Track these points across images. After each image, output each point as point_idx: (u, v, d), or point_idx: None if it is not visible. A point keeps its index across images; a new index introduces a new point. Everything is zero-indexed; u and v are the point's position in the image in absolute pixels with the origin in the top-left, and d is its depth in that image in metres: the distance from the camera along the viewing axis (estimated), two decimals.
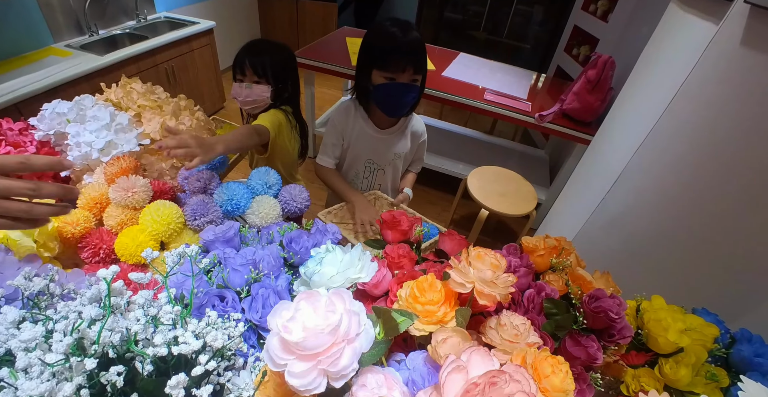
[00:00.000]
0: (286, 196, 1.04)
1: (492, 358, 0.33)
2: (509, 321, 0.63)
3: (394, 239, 0.87)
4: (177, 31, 2.94)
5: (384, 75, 1.22)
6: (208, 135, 1.33)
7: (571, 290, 0.76)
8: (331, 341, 0.39)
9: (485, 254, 0.56)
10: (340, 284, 0.47)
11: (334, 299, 0.42)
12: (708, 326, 0.81)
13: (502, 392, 0.29)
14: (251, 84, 1.38)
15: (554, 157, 3.24)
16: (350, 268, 0.48)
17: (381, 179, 1.52)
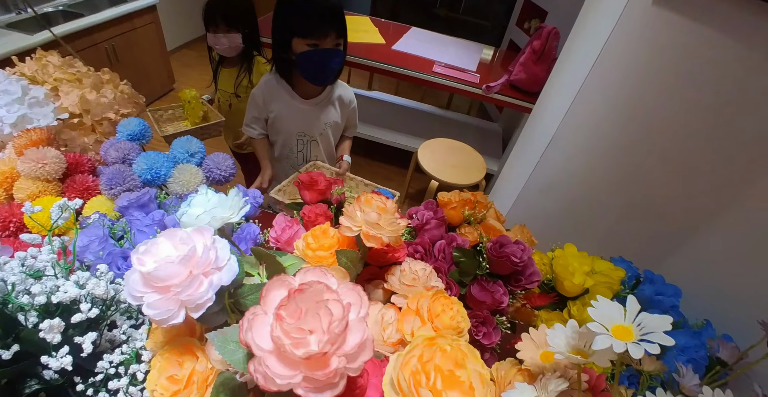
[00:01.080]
0: (210, 165, 1.03)
1: (325, 274, 0.34)
2: (409, 267, 0.65)
3: (311, 199, 0.88)
4: (116, 8, 2.79)
5: (307, 42, 1.18)
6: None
7: (481, 239, 0.79)
8: (184, 272, 0.40)
9: (373, 199, 0.57)
10: (207, 223, 0.47)
11: (192, 234, 0.43)
12: (615, 270, 0.85)
13: (312, 299, 0.30)
14: (225, 34, 1.55)
15: (507, 130, 3.29)
16: (218, 207, 0.48)
17: (315, 150, 1.49)
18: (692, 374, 0.64)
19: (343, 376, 0.30)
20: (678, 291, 0.83)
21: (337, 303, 0.30)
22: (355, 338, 0.30)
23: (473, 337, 0.69)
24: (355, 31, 2.94)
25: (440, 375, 0.33)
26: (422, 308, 0.57)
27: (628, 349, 0.36)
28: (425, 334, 0.37)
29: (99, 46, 2.72)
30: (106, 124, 1.19)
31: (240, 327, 0.32)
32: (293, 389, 0.28)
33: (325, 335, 0.29)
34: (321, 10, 1.14)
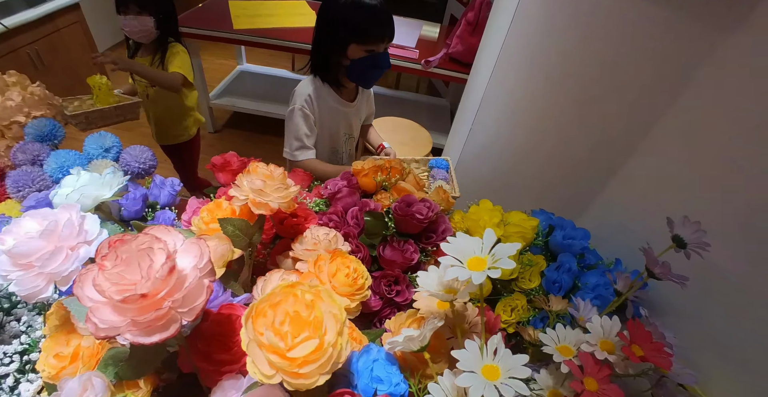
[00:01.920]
0: (127, 158, 1.00)
1: (170, 231, 0.35)
2: (311, 233, 0.66)
3: (226, 180, 0.88)
4: (35, 9, 2.64)
5: (365, 49, 1.18)
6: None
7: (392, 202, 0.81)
8: (46, 246, 0.40)
9: (259, 167, 0.57)
10: (77, 201, 0.47)
11: (57, 211, 0.43)
12: (528, 220, 0.88)
13: (134, 248, 0.31)
14: (135, 16, 1.49)
15: (455, 103, 3.32)
16: (88, 185, 0.48)
17: (352, 145, 1.51)
18: (590, 308, 0.69)
19: (173, 319, 0.31)
20: (587, 234, 0.87)
21: (162, 251, 0.31)
22: (188, 284, 0.32)
23: (387, 296, 0.71)
24: (291, 15, 2.89)
25: (288, 317, 0.35)
26: (321, 270, 0.59)
27: (473, 277, 0.39)
28: (284, 282, 0.39)
29: (20, 52, 2.58)
30: (15, 129, 1.14)
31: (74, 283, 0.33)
32: (121, 334, 0.29)
33: (146, 280, 0.30)
34: (386, 19, 1.17)
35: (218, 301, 0.49)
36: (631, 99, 0.99)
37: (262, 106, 2.99)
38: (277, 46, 2.52)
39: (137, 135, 3.05)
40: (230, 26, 2.60)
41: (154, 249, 0.31)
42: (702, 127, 0.80)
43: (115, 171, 0.51)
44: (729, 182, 0.74)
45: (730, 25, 0.73)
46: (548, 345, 0.60)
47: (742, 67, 0.73)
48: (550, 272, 0.82)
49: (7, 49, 2.50)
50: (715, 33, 0.76)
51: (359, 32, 1.17)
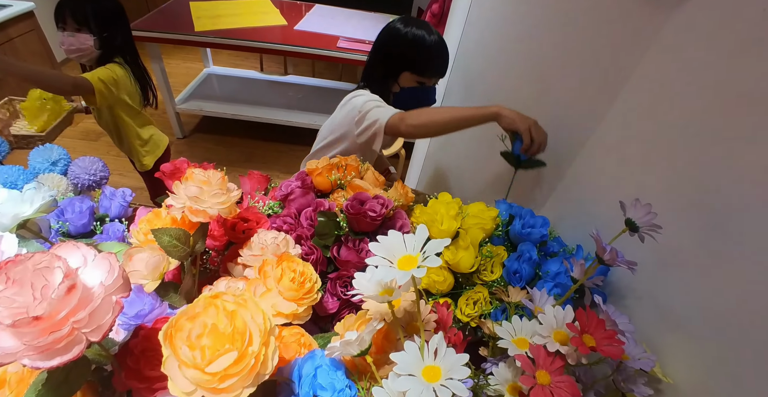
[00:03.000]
0: (76, 170, 0.97)
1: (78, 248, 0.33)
2: (258, 238, 0.65)
3: None
4: None
5: (417, 79, 1.18)
6: None
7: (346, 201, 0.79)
8: None
9: (195, 173, 0.55)
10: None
11: None
12: (486, 211, 0.88)
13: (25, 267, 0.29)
14: (73, 33, 1.36)
15: None
16: (5, 203, 0.45)
17: None
18: (546, 298, 0.68)
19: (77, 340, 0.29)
20: (546, 221, 0.87)
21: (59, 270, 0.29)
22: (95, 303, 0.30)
23: (342, 297, 0.70)
24: (254, 14, 2.85)
25: (206, 329, 0.34)
26: (267, 275, 0.57)
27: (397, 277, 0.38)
28: (208, 293, 0.37)
29: None
30: None
31: None
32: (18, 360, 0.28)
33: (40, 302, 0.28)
34: (447, 56, 1.16)
35: (153, 314, 0.47)
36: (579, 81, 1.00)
37: (232, 109, 2.94)
38: (243, 46, 2.48)
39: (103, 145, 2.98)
40: (192, 28, 2.55)
41: (51, 268, 0.29)
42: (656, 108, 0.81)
43: (38, 186, 0.48)
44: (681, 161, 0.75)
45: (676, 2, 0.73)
46: (504, 339, 0.59)
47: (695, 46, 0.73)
48: (510, 262, 0.82)
49: None
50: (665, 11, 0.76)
51: (420, 63, 1.17)
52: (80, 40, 1.37)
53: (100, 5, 1.38)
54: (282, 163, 2.97)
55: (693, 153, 0.72)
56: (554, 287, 0.79)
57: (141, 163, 1.78)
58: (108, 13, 1.40)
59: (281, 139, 3.14)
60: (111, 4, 1.42)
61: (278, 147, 3.10)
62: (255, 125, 3.02)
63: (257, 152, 3.04)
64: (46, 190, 0.49)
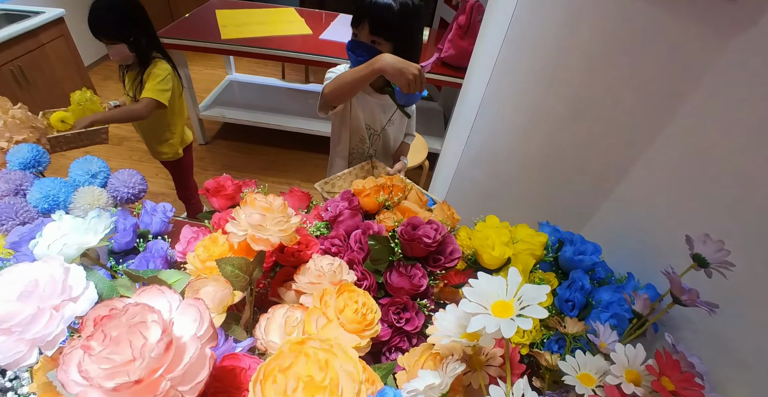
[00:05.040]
0: (116, 183, 0.96)
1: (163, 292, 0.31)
2: (314, 264, 0.63)
3: (221, 205, 0.84)
4: (17, 25, 2.58)
5: (353, 31, 1.26)
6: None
7: (397, 224, 0.77)
8: (26, 309, 0.36)
9: (257, 199, 0.54)
10: (59, 252, 0.43)
11: (37, 267, 0.39)
12: (536, 236, 0.85)
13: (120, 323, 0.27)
14: (111, 46, 1.54)
15: (447, 108, 3.30)
16: (70, 233, 0.44)
17: (376, 145, 1.51)
18: (609, 332, 0.65)
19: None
20: (597, 248, 0.84)
21: (156, 324, 0.27)
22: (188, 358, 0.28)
23: (395, 325, 0.67)
24: (279, 23, 2.86)
25: (301, 382, 0.32)
26: (327, 305, 0.55)
27: (501, 327, 0.35)
28: (292, 339, 0.35)
29: (3, 69, 2.52)
30: None
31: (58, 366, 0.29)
32: None
33: (140, 362, 0.26)
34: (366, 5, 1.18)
35: (220, 351, 0.45)
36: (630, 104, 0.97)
37: (253, 116, 2.95)
38: (270, 55, 2.48)
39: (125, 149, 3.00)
40: (218, 36, 2.56)
41: (147, 323, 0.27)
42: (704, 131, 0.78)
43: (100, 213, 0.47)
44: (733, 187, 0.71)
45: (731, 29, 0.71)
46: (569, 375, 0.56)
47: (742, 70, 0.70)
48: (562, 290, 0.79)
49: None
50: (715, 37, 0.74)
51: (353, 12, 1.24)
52: (119, 50, 1.55)
53: (111, 21, 1.52)
54: (301, 172, 2.96)
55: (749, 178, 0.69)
56: (610, 318, 0.76)
57: (175, 152, 1.95)
58: (125, 18, 1.54)
59: (301, 148, 3.14)
60: (124, 6, 1.54)
61: (297, 155, 3.10)
62: (274, 133, 3.02)
63: (277, 160, 3.04)
64: (107, 217, 0.48)
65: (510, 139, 1.31)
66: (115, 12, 1.51)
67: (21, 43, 2.63)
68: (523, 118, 1.24)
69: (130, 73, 1.67)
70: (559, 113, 1.14)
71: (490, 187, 1.46)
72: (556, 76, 1.13)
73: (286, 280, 0.68)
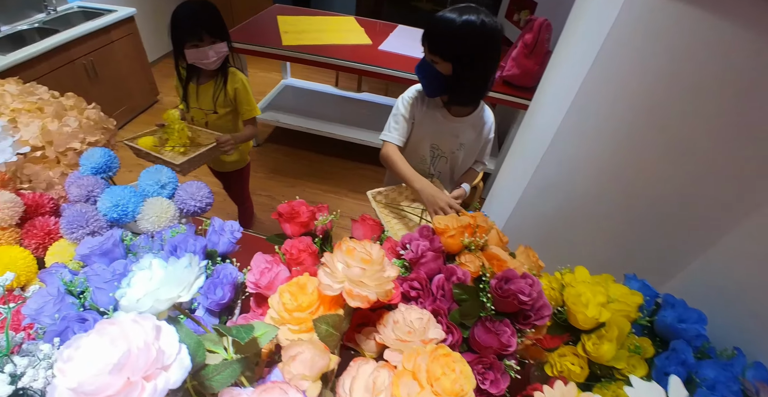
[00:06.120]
0: (183, 195, 0.94)
1: (286, 393, 0.26)
2: (403, 317, 0.57)
3: (294, 232, 0.80)
4: (93, 22, 2.70)
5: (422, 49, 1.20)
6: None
7: (483, 272, 0.71)
8: (118, 382, 0.32)
9: (356, 249, 0.48)
10: (150, 308, 0.39)
11: (128, 328, 0.35)
12: (632, 295, 0.77)
13: None
14: (211, 46, 1.48)
15: (502, 126, 3.20)
16: (163, 287, 0.40)
17: (441, 167, 1.45)
18: None
19: None
20: (702, 317, 0.75)
21: None
22: None
23: (480, 386, 0.61)
24: (339, 32, 2.85)
25: None
26: (420, 369, 0.49)
27: None
28: None
29: (76, 63, 2.62)
30: (71, 155, 1.10)
31: None
32: None
33: None
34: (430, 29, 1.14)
35: None
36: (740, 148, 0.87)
37: (305, 123, 2.95)
38: (328, 64, 2.47)
39: None
40: (279, 42, 2.58)
41: None
42: None
43: (191, 261, 0.43)
44: None
45: None
46: None
47: None
48: (661, 361, 0.71)
49: (65, 59, 2.55)
50: None
51: None
52: (219, 50, 1.49)
53: (220, 18, 1.51)
54: (347, 181, 2.93)
55: None
56: None
57: (244, 158, 1.93)
58: (222, 21, 1.52)
59: (348, 157, 3.11)
60: (218, 13, 1.52)
61: (345, 164, 3.08)
62: (323, 139, 3.01)
63: (324, 168, 3.03)
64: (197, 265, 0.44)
65: (590, 177, 1.21)
66: (215, 9, 1.49)
67: (94, 39, 2.73)
68: (608, 156, 1.15)
69: (204, 85, 1.62)
70: (653, 154, 1.04)
71: (557, 225, 1.37)
72: (653, 114, 1.04)
73: (361, 322, 0.63)
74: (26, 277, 0.80)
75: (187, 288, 0.41)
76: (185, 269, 0.42)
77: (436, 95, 1.27)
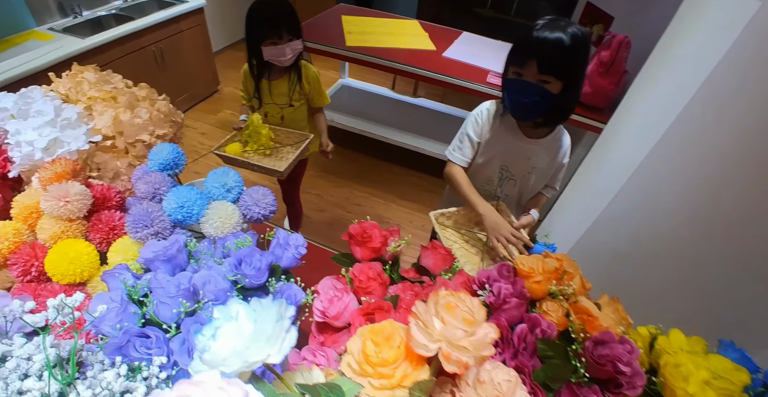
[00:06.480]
0: (248, 201, 0.91)
1: None
2: (490, 377, 0.50)
3: (364, 256, 0.74)
4: (165, 11, 2.77)
5: (513, 69, 1.09)
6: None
7: (572, 327, 0.63)
8: None
9: (457, 305, 0.42)
10: (237, 370, 0.34)
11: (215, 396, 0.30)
12: (736, 371, 0.67)
13: None
14: (288, 43, 1.48)
15: None
16: (252, 346, 0.35)
17: (510, 191, 1.37)
18: None
19: None
20: None
21: None
22: None
23: None
24: (403, 35, 2.80)
25: None
26: None
27: None
28: None
29: (147, 49, 2.70)
30: (139, 147, 1.10)
31: None
32: None
33: None
34: (527, 38, 1.03)
35: None
36: None
37: (359, 124, 2.92)
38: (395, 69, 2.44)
39: None
40: (342, 42, 2.55)
41: None
42: None
43: (282, 312, 0.38)
44: None
45: None
46: None
47: None
48: None
49: (137, 46, 2.63)
50: None
51: (512, 49, 1.10)
52: (295, 47, 1.50)
53: (296, 15, 1.51)
54: (395, 187, 2.88)
55: None
56: None
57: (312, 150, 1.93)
58: (299, 20, 1.52)
59: (399, 162, 3.06)
60: (294, 11, 1.51)
61: (394, 169, 3.03)
62: (374, 142, 2.97)
63: (373, 171, 2.99)
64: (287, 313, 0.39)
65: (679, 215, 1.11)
66: (292, 7, 1.48)
67: (165, 28, 2.81)
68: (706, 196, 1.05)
69: (277, 81, 1.63)
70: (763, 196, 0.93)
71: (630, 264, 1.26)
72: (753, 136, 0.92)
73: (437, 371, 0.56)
74: (89, 273, 0.79)
75: (278, 346, 0.36)
76: (276, 324, 0.37)
77: (534, 118, 1.17)
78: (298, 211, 2.27)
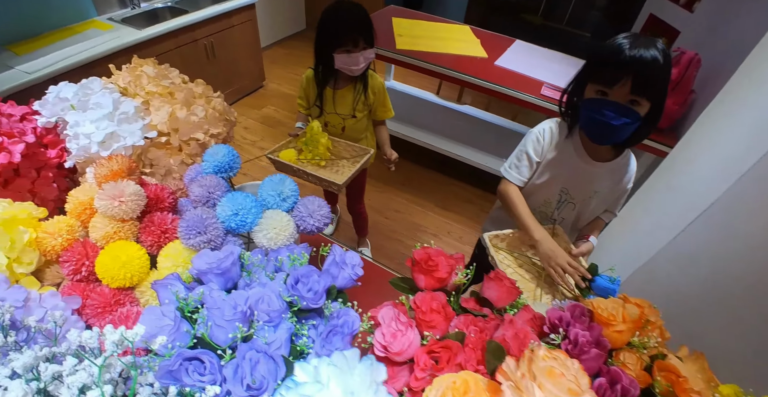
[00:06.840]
0: (303, 212, 0.87)
1: None
2: None
3: (427, 285, 0.69)
4: (218, 6, 2.80)
5: (596, 88, 1.00)
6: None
7: (657, 387, 0.56)
8: None
9: (562, 373, 0.37)
10: None
11: None
12: None
13: None
14: (362, 52, 1.41)
15: None
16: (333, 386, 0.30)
17: (568, 215, 1.29)
18: None
19: None
20: None
21: None
22: None
23: None
24: (454, 40, 2.73)
25: None
26: None
27: None
28: None
29: (198, 43, 2.74)
30: (193, 145, 1.08)
31: None
32: None
33: None
34: (624, 53, 0.92)
35: None
36: None
37: (403, 129, 2.88)
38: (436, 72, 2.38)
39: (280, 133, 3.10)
40: (393, 45, 2.51)
41: None
42: None
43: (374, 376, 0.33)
44: None
45: None
46: None
47: None
48: None
49: (189, 38, 2.67)
50: None
51: (595, 66, 1.02)
52: (368, 56, 1.43)
53: (371, 24, 1.42)
54: (436, 196, 2.82)
55: None
56: None
57: None
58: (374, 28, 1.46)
59: (441, 170, 3.00)
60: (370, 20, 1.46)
61: (435, 176, 2.97)
62: (417, 148, 2.91)
63: (414, 177, 2.94)
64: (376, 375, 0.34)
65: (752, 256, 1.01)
66: (368, 14, 1.41)
67: (217, 22, 2.84)
68: None
69: (342, 90, 1.56)
70: None
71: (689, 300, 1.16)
72: None
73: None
74: (139, 277, 0.77)
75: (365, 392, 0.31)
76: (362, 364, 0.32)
77: (617, 142, 1.07)
78: (364, 220, 2.23)
